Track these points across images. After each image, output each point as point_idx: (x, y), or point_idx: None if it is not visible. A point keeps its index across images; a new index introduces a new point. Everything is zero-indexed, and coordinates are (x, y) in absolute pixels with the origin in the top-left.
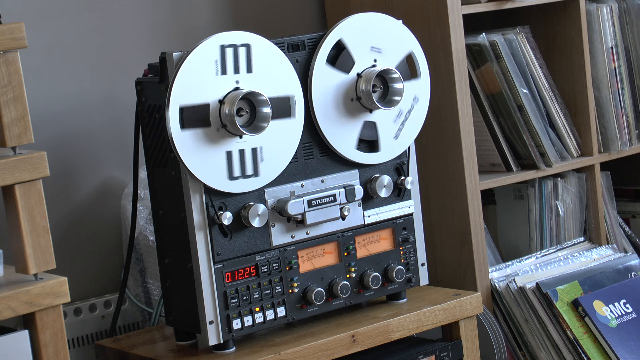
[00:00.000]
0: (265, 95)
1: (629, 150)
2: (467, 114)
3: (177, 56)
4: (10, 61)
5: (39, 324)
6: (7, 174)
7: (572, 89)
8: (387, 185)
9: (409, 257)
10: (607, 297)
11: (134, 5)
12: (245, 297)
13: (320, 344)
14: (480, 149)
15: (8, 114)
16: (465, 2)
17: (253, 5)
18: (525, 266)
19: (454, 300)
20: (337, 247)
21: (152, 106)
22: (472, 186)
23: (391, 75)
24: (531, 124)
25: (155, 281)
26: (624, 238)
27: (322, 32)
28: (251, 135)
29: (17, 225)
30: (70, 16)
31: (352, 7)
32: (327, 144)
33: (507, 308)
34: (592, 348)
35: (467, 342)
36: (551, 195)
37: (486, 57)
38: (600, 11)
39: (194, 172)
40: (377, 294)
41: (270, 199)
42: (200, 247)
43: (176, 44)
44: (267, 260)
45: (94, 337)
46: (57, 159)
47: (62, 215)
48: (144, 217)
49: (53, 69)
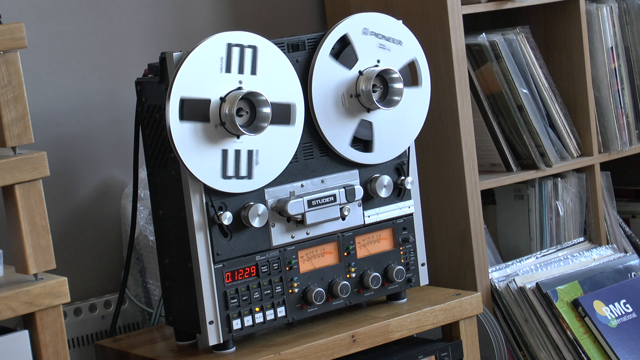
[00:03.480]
0: (265, 95)
1: (629, 150)
2: (467, 114)
3: (177, 56)
4: (10, 61)
5: (39, 324)
6: (7, 174)
7: (572, 89)
8: (387, 185)
9: (409, 257)
10: (607, 297)
11: (134, 5)
12: (245, 297)
13: (320, 344)
14: (480, 149)
15: (8, 114)
16: (465, 2)
17: (253, 5)
18: (525, 266)
19: (454, 300)
20: (337, 247)
21: (152, 106)
22: (472, 186)
23: (391, 75)
24: (531, 124)
25: (155, 281)
26: (624, 238)
27: (322, 32)
28: (251, 135)
29: (17, 225)
30: (70, 16)
31: (352, 7)
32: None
33: (507, 308)
34: (592, 348)
35: (467, 342)
36: (551, 195)
37: (486, 57)
38: (600, 11)
39: (188, 165)
40: (377, 294)
41: (270, 199)
42: (200, 247)
43: (176, 44)
44: (267, 260)
45: (94, 337)
46: (57, 159)
47: (62, 215)
48: (144, 217)
49: (53, 69)
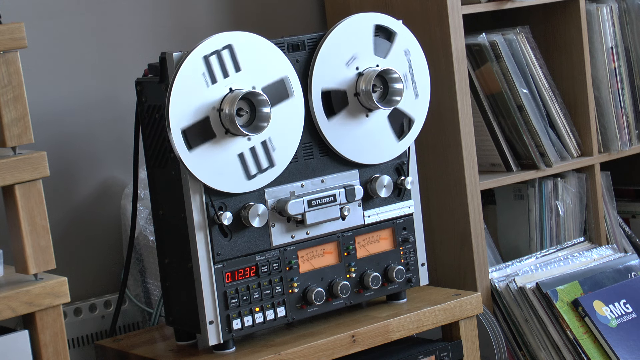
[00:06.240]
0: (264, 95)
1: (629, 150)
2: (467, 114)
3: (177, 56)
4: (10, 61)
5: (39, 324)
6: (7, 174)
7: (572, 89)
8: (387, 186)
9: (409, 257)
10: (607, 297)
11: (134, 5)
12: (245, 297)
13: (320, 344)
14: (480, 149)
15: (8, 114)
16: (465, 2)
17: (253, 5)
18: (525, 266)
19: (454, 300)
20: (337, 247)
21: (152, 106)
22: (472, 186)
23: (391, 75)
24: (531, 124)
25: (155, 281)
26: (624, 238)
27: (322, 32)
28: (252, 135)
29: (17, 225)
30: (70, 16)
31: (352, 7)
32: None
33: (507, 308)
34: (592, 348)
35: (467, 342)
36: (551, 195)
37: (486, 57)
38: (600, 11)
39: (215, 186)
40: (377, 294)
41: (270, 199)
42: (200, 247)
43: (176, 44)
44: (267, 261)
45: (94, 337)
46: (57, 159)
47: (62, 215)
48: (144, 217)
49: (53, 69)
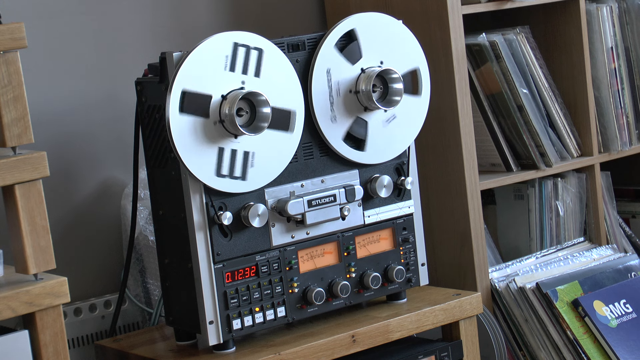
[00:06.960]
0: (265, 96)
1: (629, 150)
2: (467, 114)
3: (177, 56)
4: (10, 61)
5: (39, 324)
6: (7, 174)
7: (572, 89)
8: (387, 186)
9: (409, 257)
10: (607, 297)
11: (134, 5)
12: (245, 297)
13: (320, 344)
14: (480, 149)
15: (8, 114)
16: (465, 2)
17: (253, 5)
18: (525, 266)
19: (454, 300)
20: (337, 247)
21: (152, 106)
22: (472, 186)
23: (391, 76)
24: (531, 124)
25: (155, 281)
26: (624, 238)
27: (322, 32)
28: (250, 135)
29: (17, 226)
30: (70, 16)
31: (352, 7)
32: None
33: (507, 308)
34: (592, 348)
35: (467, 342)
36: (551, 195)
37: (486, 57)
38: (600, 11)
39: (184, 159)
40: (377, 294)
41: (270, 199)
42: (200, 247)
43: (176, 44)
44: (267, 261)
45: (94, 337)
46: (57, 159)
47: (62, 215)
48: (144, 217)
49: (53, 69)
